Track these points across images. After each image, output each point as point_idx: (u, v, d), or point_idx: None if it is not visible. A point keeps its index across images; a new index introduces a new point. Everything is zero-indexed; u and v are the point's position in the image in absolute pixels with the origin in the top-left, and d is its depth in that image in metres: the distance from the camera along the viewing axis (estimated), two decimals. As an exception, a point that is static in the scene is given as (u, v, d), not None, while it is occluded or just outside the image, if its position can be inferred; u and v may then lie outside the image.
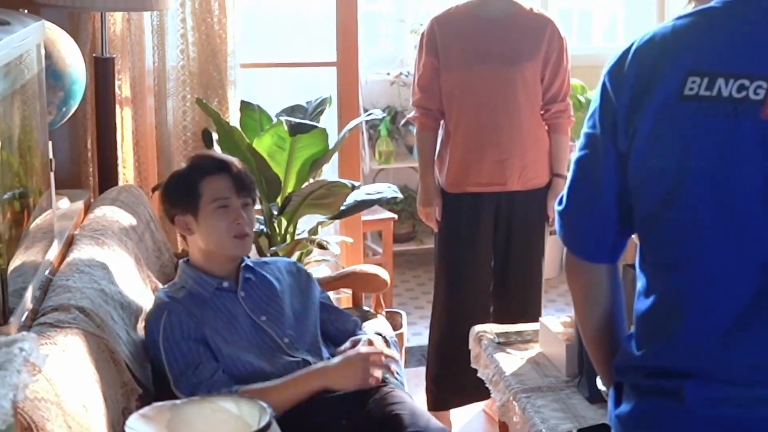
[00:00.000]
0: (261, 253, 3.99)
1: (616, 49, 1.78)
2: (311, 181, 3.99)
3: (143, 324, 2.90)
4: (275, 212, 3.98)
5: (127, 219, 3.31)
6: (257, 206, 3.25)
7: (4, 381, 1.56)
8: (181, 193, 2.99)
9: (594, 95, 1.76)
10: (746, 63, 1.56)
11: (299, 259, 4.09)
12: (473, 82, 3.75)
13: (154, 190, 3.94)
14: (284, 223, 4.00)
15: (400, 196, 4.15)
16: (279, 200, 3.96)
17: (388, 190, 4.11)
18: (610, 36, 6.93)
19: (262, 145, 3.87)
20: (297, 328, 3.02)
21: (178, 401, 1.61)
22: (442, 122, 3.88)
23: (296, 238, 4.03)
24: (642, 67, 1.66)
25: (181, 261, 3.06)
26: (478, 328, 3.32)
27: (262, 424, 1.51)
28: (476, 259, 3.87)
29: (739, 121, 1.54)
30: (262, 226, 4.04)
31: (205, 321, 2.86)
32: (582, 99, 5.70)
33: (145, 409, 1.59)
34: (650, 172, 1.64)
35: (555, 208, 1.85)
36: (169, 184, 3.08)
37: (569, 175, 1.81)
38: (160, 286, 3.25)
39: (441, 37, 3.78)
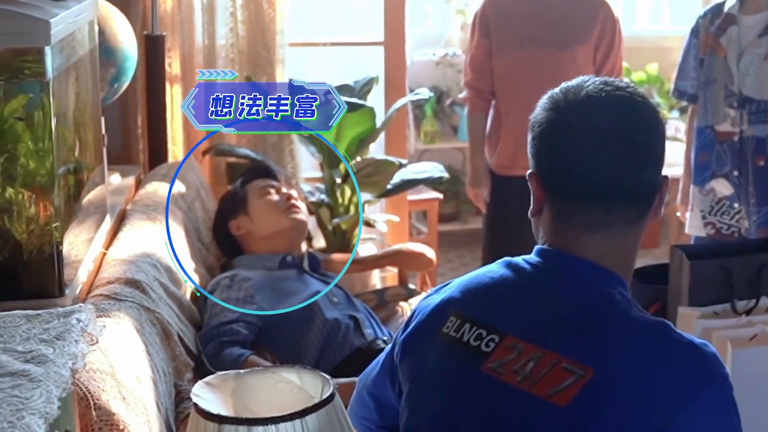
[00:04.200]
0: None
1: (661, 30, 1.83)
2: (358, 159, 4.00)
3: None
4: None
5: (176, 188, 3.33)
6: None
7: (63, 351, 1.59)
8: (230, 201, 3.31)
9: None
10: (493, 316, 1.62)
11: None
12: (525, 65, 3.72)
13: (204, 153, 3.98)
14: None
15: (446, 175, 4.14)
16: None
17: (435, 170, 4.10)
18: (655, 17, 6.87)
19: (311, 123, 3.88)
20: (343, 297, 3.19)
21: (241, 371, 1.63)
22: (492, 102, 3.86)
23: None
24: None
25: (237, 258, 3.26)
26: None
27: (325, 395, 1.52)
28: (523, 241, 3.80)
29: (465, 366, 1.60)
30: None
31: (268, 287, 3.03)
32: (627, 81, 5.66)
33: (210, 378, 1.61)
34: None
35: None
36: (220, 201, 3.42)
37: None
38: (212, 260, 3.32)
39: (494, 19, 3.76)
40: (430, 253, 3.79)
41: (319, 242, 4.05)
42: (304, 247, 3.58)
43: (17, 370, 1.49)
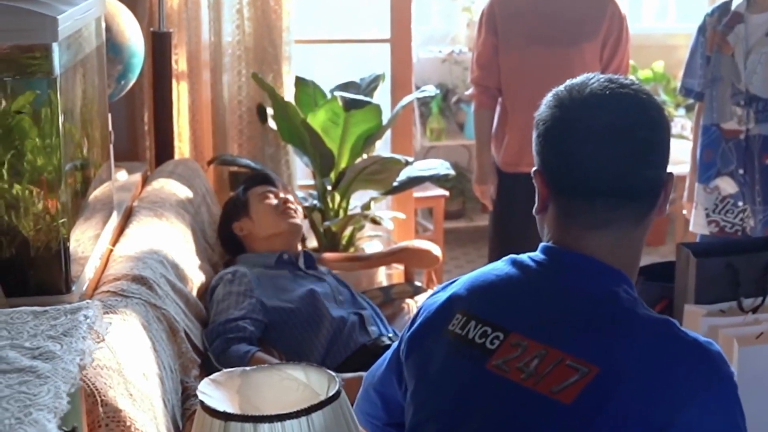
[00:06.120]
0: (314, 227, 4.02)
1: (668, 28, 1.80)
2: (365, 156, 4.00)
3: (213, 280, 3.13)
4: (329, 187, 3.99)
5: (183, 192, 3.36)
6: (311, 182, 3.40)
7: (70, 347, 1.59)
8: (233, 205, 3.46)
9: None
10: (498, 313, 1.62)
11: (351, 235, 4.11)
12: (531, 63, 3.70)
13: (209, 163, 3.99)
14: (337, 198, 4.02)
15: (452, 172, 4.15)
16: (332, 176, 3.98)
17: (441, 167, 4.11)
18: (661, 15, 6.86)
19: (317, 120, 3.89)
20: (348, 295, 3.26)
21: (248, 368, 1.63)
22: (499, 99, 3.85)
23: (348, 213, 4.05)
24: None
25: (239, 256, 3.37)
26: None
27: (331, 392, 1.53)
28: (529, 238, 3.80)
29: (470, 363, 1.59)
30: (315, 201, 4.06)
31: (265, 283, 3.10)
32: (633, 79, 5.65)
33: (216, 375, 1.62)
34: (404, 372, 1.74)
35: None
36: (224, 205, 3.57)
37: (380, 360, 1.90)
38: (216, 258, 3.36)
39: (500, 17, 3.75)
40: (436, 250, 3.80)
41: (312, 242, 4.11)
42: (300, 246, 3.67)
43: (25, 366, 1.50)
